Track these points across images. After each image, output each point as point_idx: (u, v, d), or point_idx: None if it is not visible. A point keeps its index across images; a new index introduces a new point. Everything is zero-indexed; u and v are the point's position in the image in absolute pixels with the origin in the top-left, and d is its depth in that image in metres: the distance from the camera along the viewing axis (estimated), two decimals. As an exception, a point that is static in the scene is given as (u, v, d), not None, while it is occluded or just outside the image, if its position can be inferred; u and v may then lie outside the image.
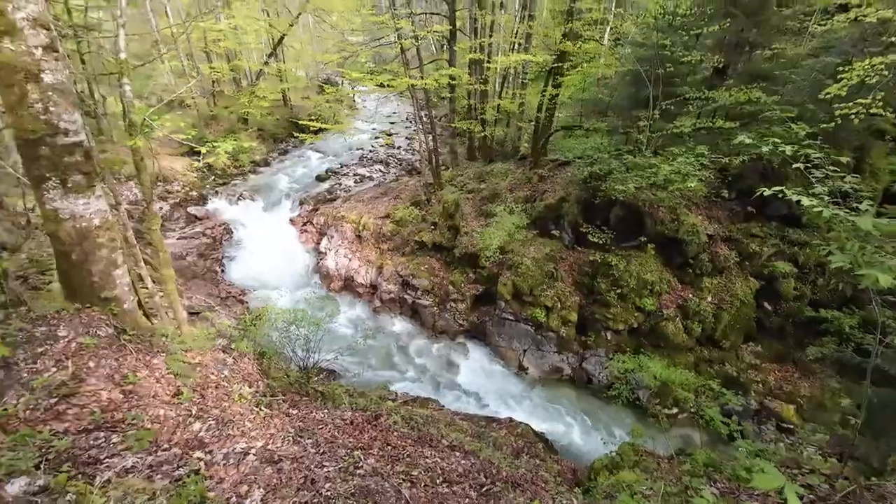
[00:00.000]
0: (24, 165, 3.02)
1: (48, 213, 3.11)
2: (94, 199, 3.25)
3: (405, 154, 22.28)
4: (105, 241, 3.38)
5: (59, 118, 2.92)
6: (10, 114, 2.79)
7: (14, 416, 2.37)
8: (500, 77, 15.08)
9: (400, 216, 13.61)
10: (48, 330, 3.04)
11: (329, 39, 24.51)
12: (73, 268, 3.32)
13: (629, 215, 9.59)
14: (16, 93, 2.73)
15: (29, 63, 2.71)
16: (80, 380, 2.78)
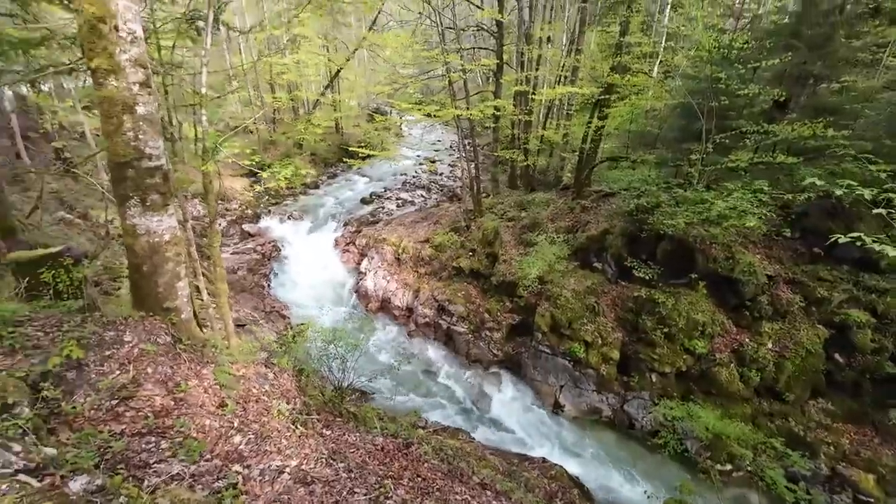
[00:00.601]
0: (112, 185, 3.39)
1: (127, 227, 3.45)
2: (166, 217, 3.57)
3: (447, 180, 22.78)
4: (172, 255, 3.68)
5: (146, 144, 3.27)
6: (106, 139, 3.17)
7: (80, 414, 2.56)
8: (545, 108, 15.22)
9: (439, 241, 13.77)
10: (116, 335, 3.31)
11: (381, 72, 26.04)
12: (143, 279, 3.63)
13: (678, 251, 9.13)
14: (114, 122, 3.10)
15: (127, 97, 3.09)
16: (139, 384, 2.97)
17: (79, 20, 2.85)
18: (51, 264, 4.24)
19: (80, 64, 3.77)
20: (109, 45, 2.90)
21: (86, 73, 4.19)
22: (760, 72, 8.72)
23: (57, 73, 4.26)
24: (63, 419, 2.45)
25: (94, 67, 2.91)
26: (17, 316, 2.98)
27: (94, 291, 4.48)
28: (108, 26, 2.86)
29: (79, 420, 2.53)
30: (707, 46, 7.59)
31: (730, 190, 7.75)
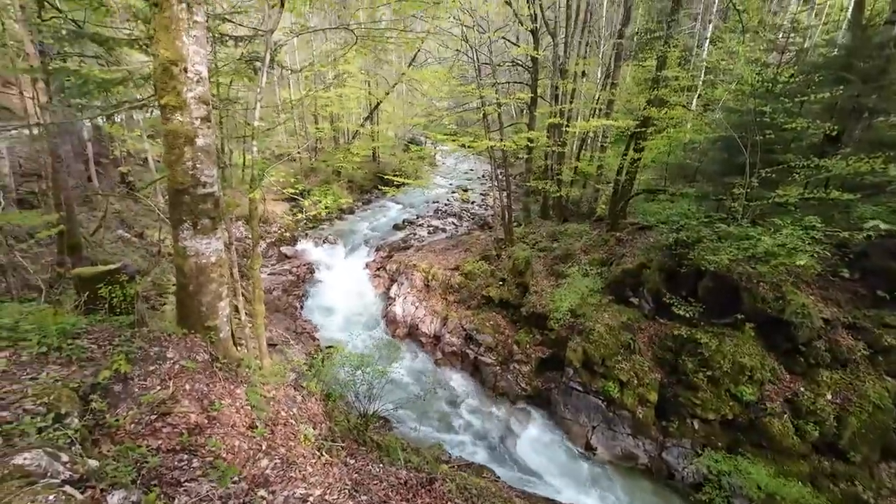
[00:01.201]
0: (169, 209, 3.65)
1: (179, 249, 3.68)
2: (214, 240, 3.79)
3: (479, 209, 22.98)
4: (216, 276, 3.87)
5: (202, 173, 3.53)
6: (168, 168, 3.45)
7: (122, 427, 2.67)
8: (579, 140, 15.24)
9: (469, 269, 13.75)
10: (160, 350, 3.47)
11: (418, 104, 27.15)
12: (189, 297, 3.82)
13: (721, 288, 8.64)
14: (176, 153, 3.39)
15: (189, 130, 3.37)
16: (177, 400, 3.08)
17: (154, 63, 3.19)
18: (108, 280, 4.56)
19: (152, 100, 4.19)
20: (179, 84, 3.21)
21: (154, 108, 4.64)
22: (808, 105, 8.40)
23: (131, 108, 4.75)
24: (106, 431, 2.57)
25: (163, 104, 3.22)
26: (76, 328, 3.21)
27: (143, 307, 4.75)
28: (178, 68, 3.18)
29: (120, 433, 2.63)
30: (750, 80, 7.43)
31: (778, 226, 7.34)
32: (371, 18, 11.02)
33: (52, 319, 3.15)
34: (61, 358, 2.85)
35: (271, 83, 19.60)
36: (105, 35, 4.83)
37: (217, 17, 4.51)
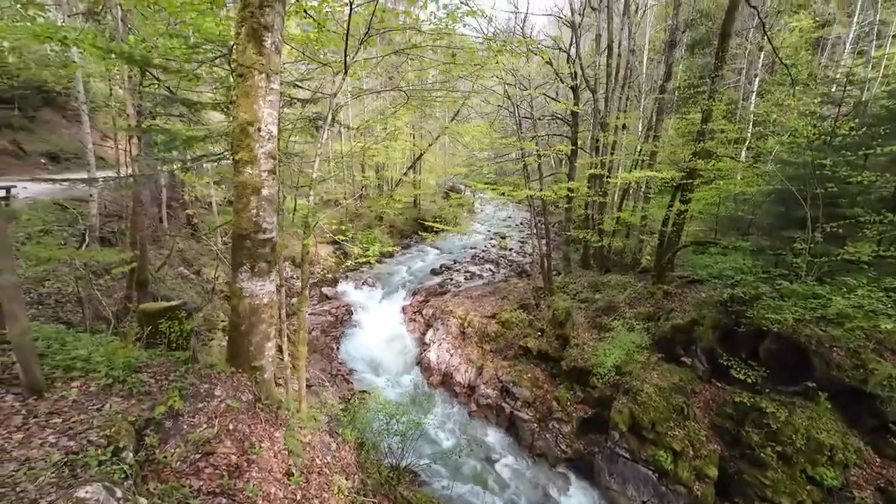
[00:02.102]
0: (231, 251, 3.93)
1: (235, 290, 3.91)
2: (268, 283, 4.00)
3: (516, 256, 22.86)
4: (266, 317, 4.04)
5: (264, 220, 3.82)
6: (235, 215, 3.76)
7: (169, 465, 2.73)
8: (621, 190, 15.10)
9: (506, 318, 13.46)
10: (209, 387, 3.59)
11: (459, 155, 28.32)
12: (240, 336, 3.99)
13: (787, 352, 7.85)
14: (243, 202, 3.70)
15: (257, 182, 3.70)
16: (220, 440, 3.13)
17: (234, 123, 3.60)
18: (169, 316, 4.88)
19: (227, 154, 4.68)
20: (252, 142, 3.58)
21: (226, 160, 5.16)
22: (874, 158, 7.93)
23: (208, 161, 5.32)
24: (154, 467, 2.63)
25: (237, 158, 3.59)
26: (138, 362, 3.41)
27: (196, 343, 5.00)
28: (254, 128, 3.57)
29: (166, 471, 2.69)
30: (805, 133, 7.18)
31: (851, 285, 6.70)
32: (419, 79, 11.99)
33: (120, 353, 3.38)
34: (123, 390, 3.02)
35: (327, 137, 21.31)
36: (192, 99, 5.54)
37: (288, 84, 5.10)
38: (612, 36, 12.62)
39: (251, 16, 3.40)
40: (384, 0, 4.35)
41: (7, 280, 2.39)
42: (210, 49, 4.48)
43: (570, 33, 16.65)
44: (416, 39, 5.15)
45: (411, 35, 4.96)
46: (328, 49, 5.70)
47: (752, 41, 15.94)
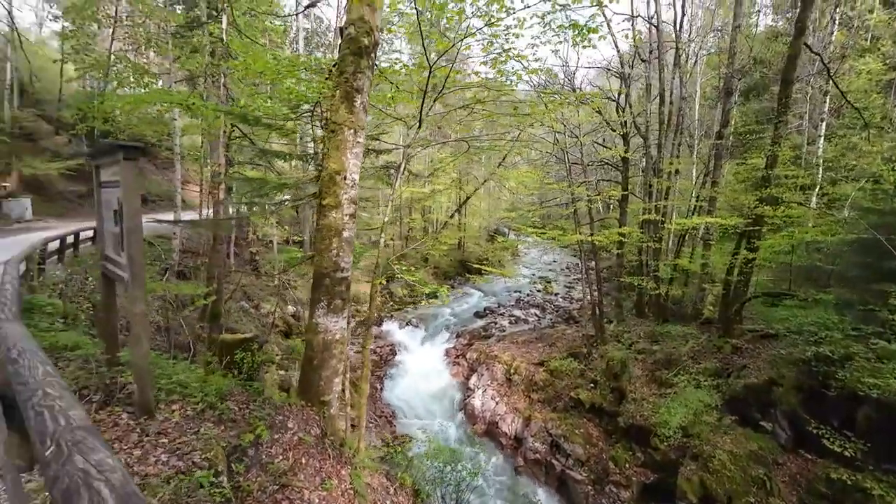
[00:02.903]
0: (311, 289, 4.20)
1: (311, 325, 4.13)
2: (341, 319, 4.19)
3: (562, 302, 22.21)
4: (337, 352, 4.21)
5: (342, 260, 4.09)
6: (317, 255, 4.06)
7: (251, 494, 2.82)
8: (677, 236, 14.56)
9: (555, 366, 12.91)
10: (283, 419, 3.73)
11: (504, 199, 28.77)
12: (312, 370, 4.16)
13: (892, 422, 6.85)
14: (326, 243, 4.01)
15: (340, 225, 4.02)
16: (295, 473, 3.20)
17: (323, 173, 3.99)
18: (243, 347, 5.19)
19: (310, 199, 5.12)
20: (338, 189, 3.93)
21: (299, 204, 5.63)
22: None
23: (290, 206, 5.85)
24: (239, 495, 2.73)
25: (324, 203, 3.94)
26: (226, 390, 3.64)
27: (265, 375, 5.24)
28: (340, 177, 3.93)
29: (249, 500, 2.78)
30: (891, 180, 6.70)
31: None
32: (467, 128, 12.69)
33: (211, 380, 3.64)
34: (214, 416, 3.22)
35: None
36: (276, 150, 6.21)
37: (370, 137, 5.63)
38: (664, 85, 12.76)
39: (345, 81, 3.86)
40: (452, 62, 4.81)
41: (139, 308, 2.71)
42: (298, 108, 5.08)
43: (618, 83, 17.04)
44: (480, 95, 5.57)
45: (476, 91, 5.40)
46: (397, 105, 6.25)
47: (814, 86, 15.46)
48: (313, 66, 4.87)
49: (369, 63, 3.92)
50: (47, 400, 1.06)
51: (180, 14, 11.95)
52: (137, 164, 2.74)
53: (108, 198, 3.21)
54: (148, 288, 6.99)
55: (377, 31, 3.95)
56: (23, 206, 14.25)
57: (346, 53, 3.85)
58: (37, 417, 0.99)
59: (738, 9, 10.84)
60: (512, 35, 4.20)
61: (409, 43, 21.48)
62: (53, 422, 0.94)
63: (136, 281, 2.77)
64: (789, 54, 9.35)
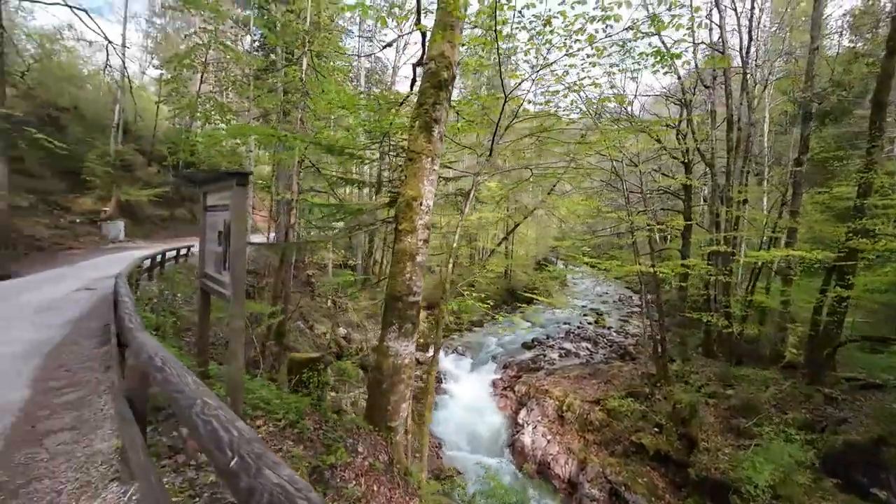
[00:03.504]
0: (383, 312, 4.26)
1: (382, 348, 4.15)
2: (411, 343, 4.19)
3: (616, 336, 21.03)
4: (405, 377, 4.18)
5: (414, 284, 4.13)
6: (390, 279, 4.13)
7: (328, 519, 2.79)
8: (748, 269, 13.44)
9: (613, 406, 12.05)
10: (353, 443, 3.71)
11: (552, 227, 28.27)
12: (381, 395, 4.15)
13: None
14: (400, 267, 4.08)
15: (414, 249, 4.09)
16: (367, 501, 3.14)
17: (401, 199, 4.12)
18: (310, 367, 5.31)
19: (383, 224, 5.32)
20: (414, 214, 4.03)
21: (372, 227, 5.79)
22: None
23: (362, 231, 6.09)
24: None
25: (400, 228, 4.05)
26: (303, 409, 3.71)
27: (329, 395, 5.30)
28: (417, 202, 4.04)
29: (327, 525, 2.74)
30: None
31: None
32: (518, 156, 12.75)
33: (291, 399, 3.74)
34: (293, 434, 3.27)
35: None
36: (346, 178, 6.54)
37: (443, 165, 5.84)
38: (731, 110, 12.19)
39: (425, 112, 4.03)
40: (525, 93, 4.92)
41: (238, 324, 2.87)
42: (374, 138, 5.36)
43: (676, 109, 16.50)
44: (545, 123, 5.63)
45: (543, 120, 5.47)
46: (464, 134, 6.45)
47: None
48: (390, 100, 5.18)
49: (447, 95, 4.08)
50: (210, 409, 1.10)
51: (260, 59, 13.29)
52: (246, 189, 2.96)
53: (212, 220, 3.50)
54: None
55: (455, 65, 4.13)
56: (118, 228, 16.02)
57: (426, 86, 4.04)
58: (206, 426, 1.03)
59: (815, 31, 10.28)
60: (588, 64, 4.23)
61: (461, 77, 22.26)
62: (227, 432, 0.97)
63: (237, 299, 2.94)
64: (881, 75, 8.63)
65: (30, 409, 3.18)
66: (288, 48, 12.06)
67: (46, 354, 4.55)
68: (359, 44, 21.20)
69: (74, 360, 4.35)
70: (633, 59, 4.78)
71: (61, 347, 4.79)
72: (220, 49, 12.15)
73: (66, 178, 16.28)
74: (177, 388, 1.30)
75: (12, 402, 3.31)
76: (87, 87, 20.74)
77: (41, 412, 3.15)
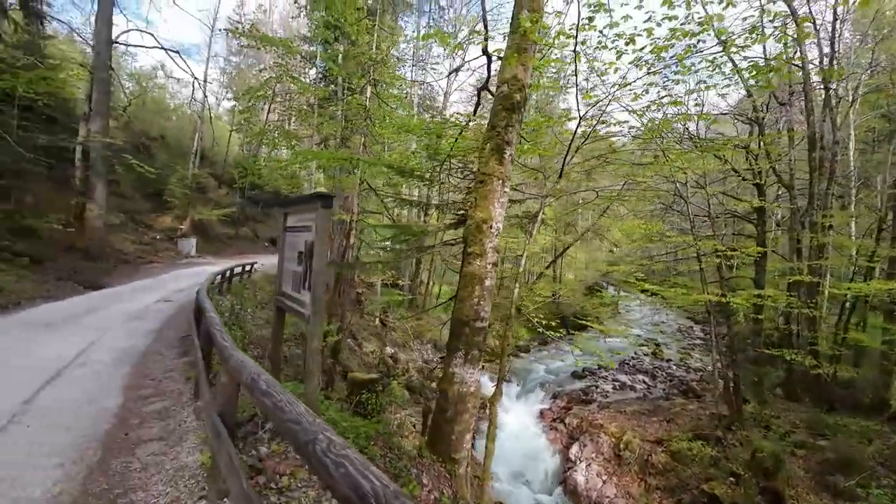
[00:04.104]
0: (449, 338, 4.16)
1: (448, 375, 4.03)
2: (476, 371, 4.04)
3: (676, 370, 19.48)
4: (471, 406, 4.01)
5: (482, 309, 4.00)
6: (458, 303, 4.04)
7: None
8: (839, 302, 11.99)
9: (678, 448, 10.99)
10: (418, 473, 3.57)
11: (603, 251, 27.15)
12: (445, 423, 4.00)
13: None
14: (468, 291, 3.98)
15: (482, 273, 3.98)
16: (436, 540, 2.96)
17: (470, 221, 4.07)
18: (368, 388, 5.28)
19: (438, 246, 5.31)
20: (484, 237, 3.94)
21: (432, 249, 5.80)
22: None
23: (428, 253, 6.12)
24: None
25: (469, 251, 3.97)
26: (370, 433, 3.65)
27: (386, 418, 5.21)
28: (487, 225, 3.96)
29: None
30: None
31: None
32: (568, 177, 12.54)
33: (356, 421, 3.70)
34: (363, 461, 3.20)
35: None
36: (408, 199, 6.64)
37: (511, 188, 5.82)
38: (814, 127, 11.19)
39: (497, 135, 4.00)
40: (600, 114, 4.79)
41: (315, 344, 2.88)
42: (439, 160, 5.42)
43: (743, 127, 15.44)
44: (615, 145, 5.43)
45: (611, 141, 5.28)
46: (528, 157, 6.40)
47: None
48: (453, 124, 5.27)
49: (519, 117, 4.02)
50: (337, 448, 1.03)
51: (323, 89, 14.20)
52: (331, 212, 3.02)
53: (292, 241, 3.61)
54: (290, 320, 7.71)
55: (527, 87, 4.08)
56: (191, 244, 17.43)
57: (498, 109, 4.01)
58: (338, 468, 0.96)
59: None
60: (671, 81, 4.04)
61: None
62: (366, 480, 0.88)
63: (316, 318, 2.96)
64: None
65: (123, 416, 3.38)
66: (348, 79, 12.81)
67: (134, 363, 4.89)
68: (412, 72, 22.15)
69: (158, 370, 4.63)
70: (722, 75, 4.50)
71: (146, 356, 5.14)
72: (288, 80, 13.13)
73: (150, 198, 18.08)
74: (292, 418, 1.26)
75: (108, 408, 3.54)
76: (172, 119, 23.19)
77: (133, 419, 3.34)
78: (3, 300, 7.32)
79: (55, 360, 4.81)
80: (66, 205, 12.13)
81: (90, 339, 5.65)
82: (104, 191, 12.24)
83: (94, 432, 3.08)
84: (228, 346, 2.28)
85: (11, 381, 4.10)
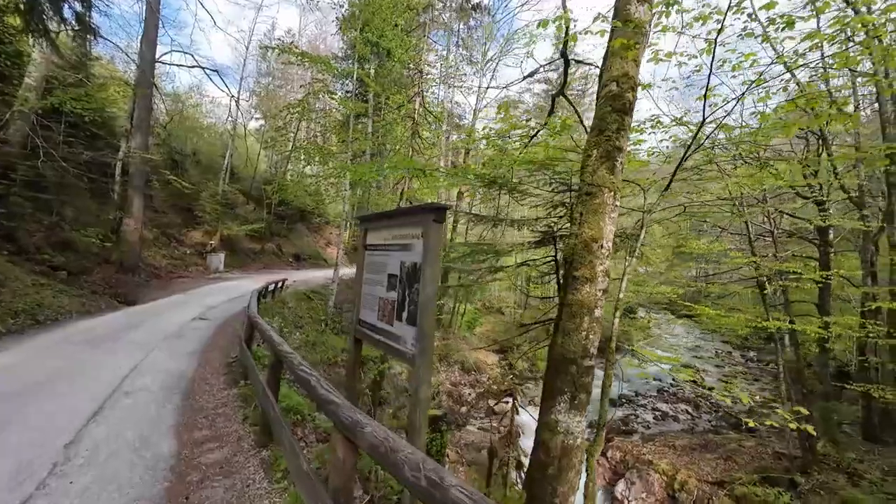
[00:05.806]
0: (549, 377, 3.54)
1: (549, 422, 3.39)
2: (583, 419, 3.39)
3: (720, 398, 18.17)
4: (576, 462, 3.35)
5: (592, 344, 3.39)
6: (563, 336, 3.43)
7: None
8: (922, 333, 10.83)
9: (745, 492, 9.93)
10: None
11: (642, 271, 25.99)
12: (546, 481, 3.34)
13: None
14: (576, 322, 3.38)
15: (592, 301, 3.39)
16: None
17: (576, 240, 3.50)
18: (433, 427, 4.65)
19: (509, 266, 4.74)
20: (594, 259, 3.36)
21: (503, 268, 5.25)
22: None
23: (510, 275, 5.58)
24: None
25: (577, 275, 3.39)
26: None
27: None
28: (597, 244, 3.38)
29: None
30: None
31: None
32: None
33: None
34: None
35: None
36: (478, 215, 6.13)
37: None
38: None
39: (607, 140, 3.47)
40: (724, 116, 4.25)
41: (425, 393, 2.31)
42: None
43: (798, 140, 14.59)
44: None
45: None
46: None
47: None
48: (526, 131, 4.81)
49: (631, 120, 3.50)
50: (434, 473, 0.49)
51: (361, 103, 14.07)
52: (443, 227, 2.50)
53: (377, 261, 3.09)
54: (332, 344, 7.20)
55: (638, 86, 3.57)
56: (219, 259, 17.29)
57: (607, 111, 3.49)
58: None
59: None
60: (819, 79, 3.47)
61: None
62: None
63: (423, 359, 2.40)
64: None
65: (180, 470, 2.85)
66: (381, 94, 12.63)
67: (183, 392, 4.41)
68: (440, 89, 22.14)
69: (209, 403, 4.14)
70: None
71: (193, 384, 4.66)
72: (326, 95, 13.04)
73: (182, 213, 18.13)
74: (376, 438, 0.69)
75: (162, 455, 3.02)
76: (205, 136, 23.59)
77: (192, 474, 2.80)
78: (41, 316, 7.03)
79: (100, 385, 4.37)
80: (104, 218, 12.08)
81: (132, 363, 5.22)
82: (141, 205, 12.16)
83: (151, 493, 2.54)
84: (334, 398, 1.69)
85: (53, 411, 3.65)
